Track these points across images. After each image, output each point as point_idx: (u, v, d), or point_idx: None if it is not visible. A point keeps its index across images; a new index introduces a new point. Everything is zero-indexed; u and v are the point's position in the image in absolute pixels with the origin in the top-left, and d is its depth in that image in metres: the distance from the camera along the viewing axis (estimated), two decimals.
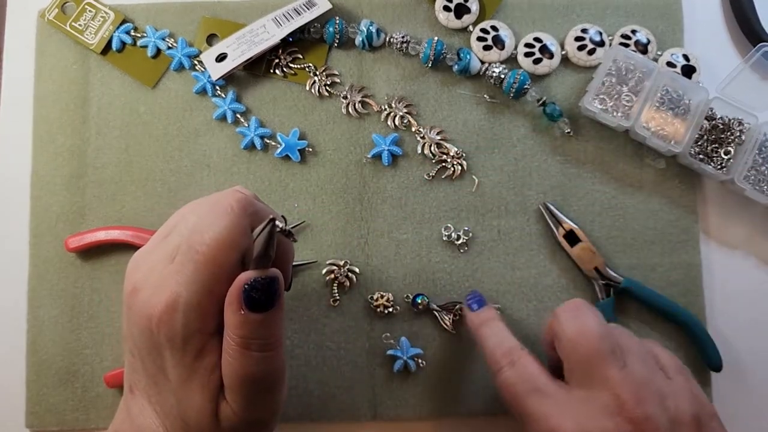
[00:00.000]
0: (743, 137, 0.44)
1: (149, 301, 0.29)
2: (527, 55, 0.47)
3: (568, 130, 0.46)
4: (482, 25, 0.48)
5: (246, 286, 0.29)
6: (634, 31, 0.47)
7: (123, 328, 0.32)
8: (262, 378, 0.30)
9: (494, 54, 0.47)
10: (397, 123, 0.47)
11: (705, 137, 0.45)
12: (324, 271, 0.45)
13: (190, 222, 0.30)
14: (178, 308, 0.28)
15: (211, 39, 0.48)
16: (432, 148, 0.46)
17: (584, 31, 0.48)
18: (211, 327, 0.30)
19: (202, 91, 0.47)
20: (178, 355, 0.29)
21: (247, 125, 0.47)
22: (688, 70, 0.46)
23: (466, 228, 0.46)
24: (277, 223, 0.29)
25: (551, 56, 0.47)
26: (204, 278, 0.29)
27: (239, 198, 0.31)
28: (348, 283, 0.45)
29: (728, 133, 0.44)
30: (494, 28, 0.47)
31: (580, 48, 0.47)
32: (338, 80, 0.48)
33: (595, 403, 0.31)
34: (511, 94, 0.46)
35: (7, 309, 0.45)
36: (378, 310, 0.44)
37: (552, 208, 0.46)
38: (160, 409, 0.31)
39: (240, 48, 0.46)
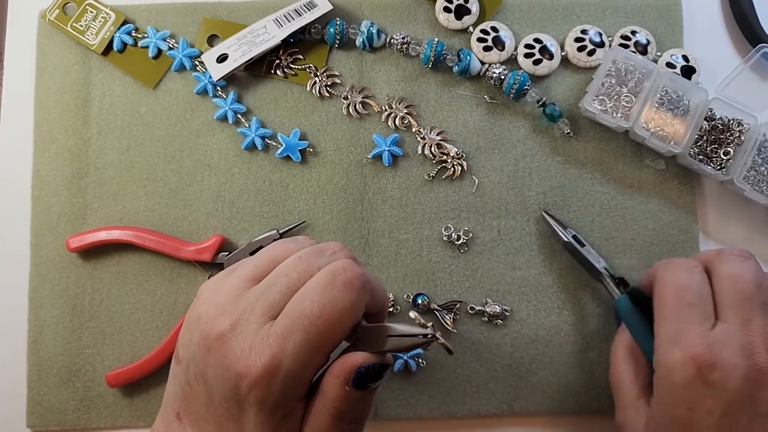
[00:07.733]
0: (742, 138, 0.44)
1: (244, 359, 0.28)
2: (527, 56, 0.47)
3: (568, 131, 0.47)
4: (482, 26, 0.48)
5: (362, 369, 0.29)
6: (633, 32, 0.48)
7: (181, 352, 0.31)
8: None
9: (494, 55, 0.47)
10: (397, 123, 0.47)
11: (704, 138, 0.45)
12: None
13: (296, 283, 0.30)
14: (278, 375, 0.28)
15: (212, 40, 0.48)
16: (432, 149, 0.47)
17: (584, 32, 0.48)
18: (303, 393, 0.30)
19: (203, 92, 0.48)
20: (264, 416, 0.29)
21: (248, 126, 0.47)
22: (688, 71, 0.47)
23: (466, 228, 0.46)
24: (438, 337, 0.30)
25: (551, 57, 0.47)
26: (312, 350, 0.28)
27: (359, 275, 0.30)
28: None
29: (728, 134, 0.44)
30: (494, 29, 0.48)
31: (580, 49, 0.47)
32: (339, 81, 0.48)
33: None
34: (511, 95, 0.47)
35: (8, 309, 0.45)
36: None
37: (551, 219, 0.45)
38: None
39: (241, 49, 0.46)
